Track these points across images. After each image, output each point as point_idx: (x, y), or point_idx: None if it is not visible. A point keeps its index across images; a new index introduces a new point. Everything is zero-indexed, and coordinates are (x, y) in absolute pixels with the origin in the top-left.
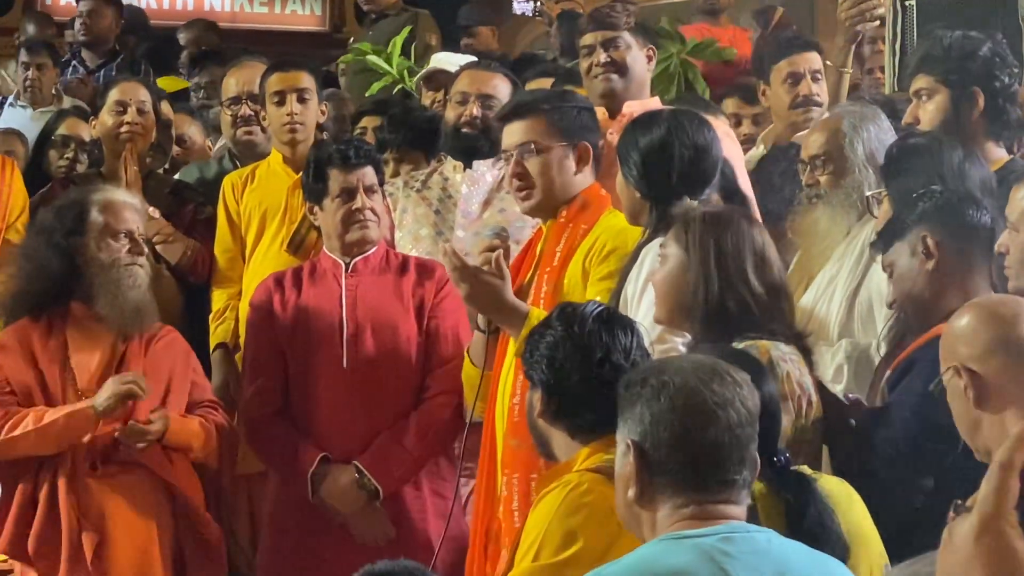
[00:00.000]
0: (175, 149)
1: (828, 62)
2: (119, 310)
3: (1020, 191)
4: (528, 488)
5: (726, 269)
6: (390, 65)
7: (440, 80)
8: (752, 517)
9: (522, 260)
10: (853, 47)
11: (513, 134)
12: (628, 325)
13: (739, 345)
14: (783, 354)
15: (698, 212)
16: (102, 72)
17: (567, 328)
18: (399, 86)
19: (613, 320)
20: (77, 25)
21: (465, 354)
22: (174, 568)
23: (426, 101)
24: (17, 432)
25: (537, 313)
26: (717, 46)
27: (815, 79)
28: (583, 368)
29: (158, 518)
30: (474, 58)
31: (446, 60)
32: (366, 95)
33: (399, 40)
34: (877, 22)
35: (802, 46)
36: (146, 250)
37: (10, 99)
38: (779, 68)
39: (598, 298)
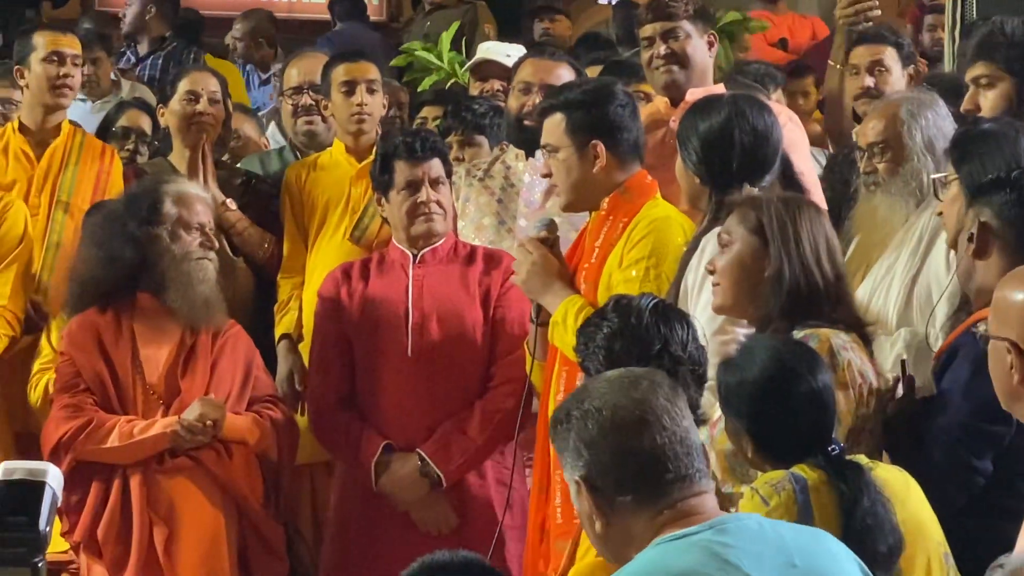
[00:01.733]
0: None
1: (830, 61)
2: (190, 303)
3: None
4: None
5: (803, 253)
6: (441, 61)
7: (487, 70)
8: (806, 506)
9: (574, 251)
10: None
11: (543, 134)
12: (683, 317)
13: (799, 334)
14: (844, 342)
15: (773, 197)
16: (148, 61)
17: (624, 320)
18: (452, 80)
19: (668, 312)
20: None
21: (524, 345)
22: (239, 563)
23: (474, 91)
24: (105, 446)
25: (576, 301)
26: (754, 22)
27: (877, 72)
28: (641, 360)
29: (224, 512)
30: (522, 47)
31: (494, 50)
32: (419, 91)
33: (448, 35)
34: (871, 23)
35: (865, 39)
36: (216, 244)
37: None
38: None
39: (623, 285)
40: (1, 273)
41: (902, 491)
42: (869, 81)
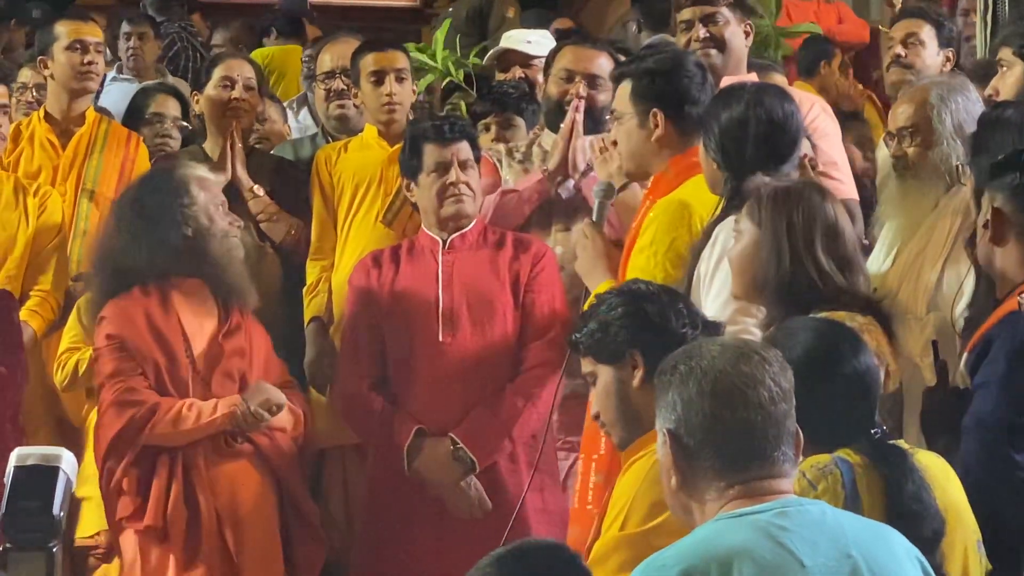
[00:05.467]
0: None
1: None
2: (227, 282)
3: None
4: (588, 468)
5: (796, 245)
6: (435, 60)
7: (509, 59)
8: (853, 490)
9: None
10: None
11: (614, 100)
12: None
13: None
14: (859, 325)
15: (769, 188)
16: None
17: (635, 302)
18: (447, 79)
19: (639, 301)
20: None
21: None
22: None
23: (499, 78)
24: (171, 431)
25: (607, 285)
26: (810, 27)
27: (910, 45)
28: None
29: (274, 494)
30: (546, 32)
31: (515, 38)
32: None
33: (441, 35)
34: None
35: (908, 13)
36: (242, 223)
37: (111, 74)
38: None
39: (634, 270)
40: (44, 260)
41: (942, 477)
42: (900, 50)
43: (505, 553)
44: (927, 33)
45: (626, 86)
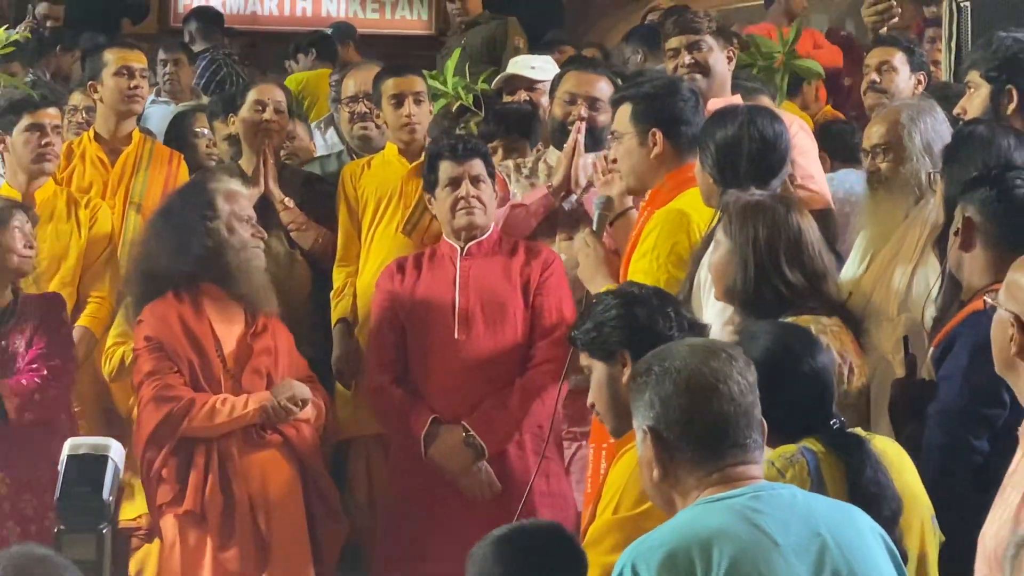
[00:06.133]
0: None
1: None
2: (251, 288)
3: None
4: (599, 457)
5: (760, 256)
6: (446, 86)
7: (515, 83)
8: (818, 476)
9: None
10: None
11: (613, 122)
12: (664, 299)
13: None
14: (824, 327)
15: (739, 202)
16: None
17: (627, 304)
18: (458, 102)
19: (634, 301)
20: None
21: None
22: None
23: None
24: (206, 424)
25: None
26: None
27: (884, 71)
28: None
29: (299, 479)
30: (549, 58)
31: (520, 64)
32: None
33: (451, 63)
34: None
35: (881, 42)
36: (264, 234)
37: (151, 97)
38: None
39: (635, 274)
40: (99, 268)
41: (897, 461)
42: (875, 76)
43: (507, 532)
44: (899, 60)
45: (626, 108)
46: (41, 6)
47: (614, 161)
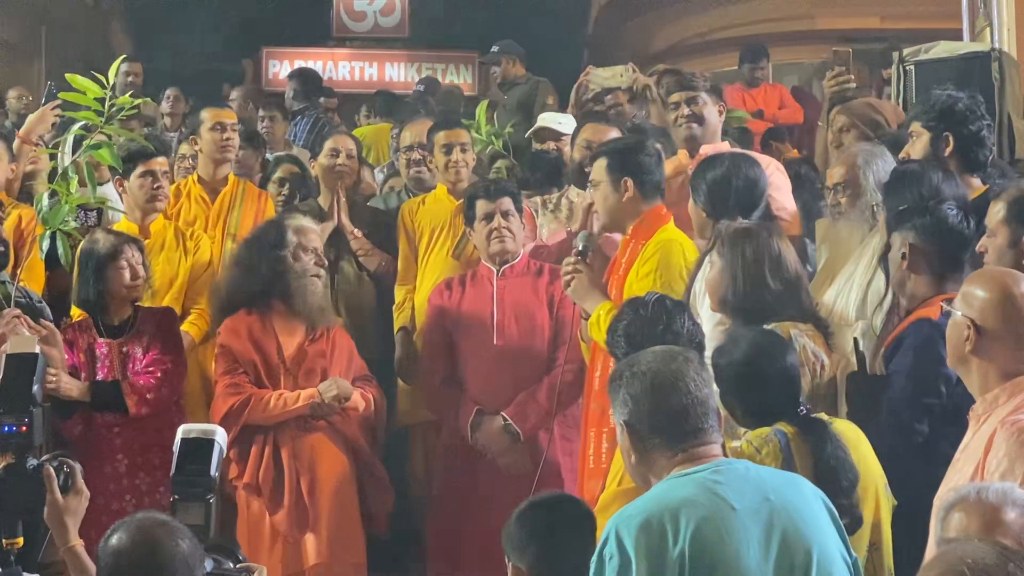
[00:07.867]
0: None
1: (819, 122)
2: (309, 307)
3: (996, 206)
4: (600, 438)
5: (748, 274)
6: (480, 134)
7: (544, 134)
8: (788, 452)
9: (612, 265)
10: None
11: (592, 172)
12: (678, 305)
13: (767, 327)
14: (800, 331)
15: (730, 229)
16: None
17: (635, 312)
18: (489, 147)
19: (666, 301)
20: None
21: (578, 333)
22: (358, 493)
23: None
24: (265, 414)
25: (607, 305)
26: (741, 115)
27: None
28: (652, 338)
29: (348, 458)
30: (571, 117)
31: (549, 119)
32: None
33: (481, 113)
34: (851, 89)
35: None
36: (326, 262)
37: None
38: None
39: (639, 291)
40: (200, 287)
41: (854, 439)
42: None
43: (536, 501)
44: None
45: (602, 161)
46: (124, 65)
47: (591, 204)
